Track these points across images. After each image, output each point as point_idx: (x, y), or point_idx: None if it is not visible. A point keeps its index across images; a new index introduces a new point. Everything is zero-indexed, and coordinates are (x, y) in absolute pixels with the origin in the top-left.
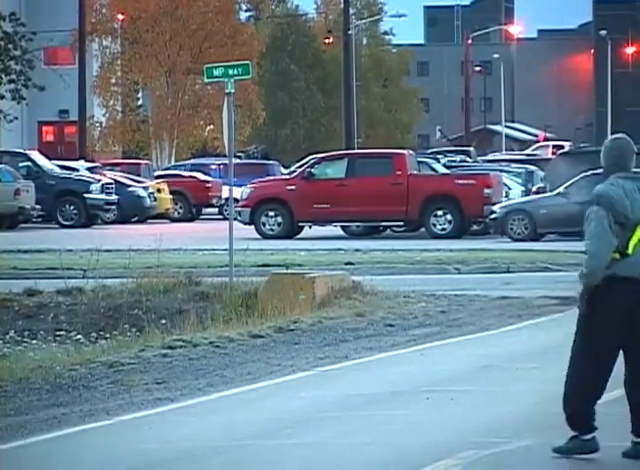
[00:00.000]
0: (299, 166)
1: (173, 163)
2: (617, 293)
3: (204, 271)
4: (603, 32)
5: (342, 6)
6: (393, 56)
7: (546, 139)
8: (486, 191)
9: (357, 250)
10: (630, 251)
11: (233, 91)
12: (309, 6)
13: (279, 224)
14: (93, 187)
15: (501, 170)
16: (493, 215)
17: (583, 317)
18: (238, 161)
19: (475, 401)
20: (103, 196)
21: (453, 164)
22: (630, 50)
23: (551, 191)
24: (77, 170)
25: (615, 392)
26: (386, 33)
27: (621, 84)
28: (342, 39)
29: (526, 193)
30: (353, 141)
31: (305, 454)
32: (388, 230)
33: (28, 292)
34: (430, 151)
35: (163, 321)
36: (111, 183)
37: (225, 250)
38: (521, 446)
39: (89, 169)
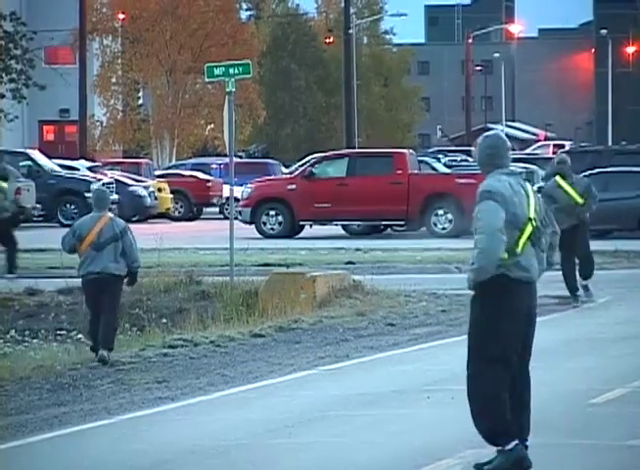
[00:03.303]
0: (300, 166)
1: (174, 162)
2: (514, 295)
3: (204, 270)
4: (604, 32)
5: (342, 5)
6: (394, 55)
7: (547, 138)
8: None
9: (358, 249)
10: (520, 250)
11: (234, 90)
12: (310, 5)
13: (280, 223)
14: (94, 186)
15: None
16: None
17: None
18: (238, 160)
19: None
20: None
21: (454, 163)
22: (631, 49)
23: None
24: (78, 170)
25: (615, 391)
26: (386, 32)
27: (622, 83)
28: (342, 38)
29: None
30: (354, 140)
31: (306, 454)
32: (389, 229)
33: (29, 291)
34: (431, 150)
35: (164, 320)
36: (111, 182)
37: (226, 249)
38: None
39: (90, 169)
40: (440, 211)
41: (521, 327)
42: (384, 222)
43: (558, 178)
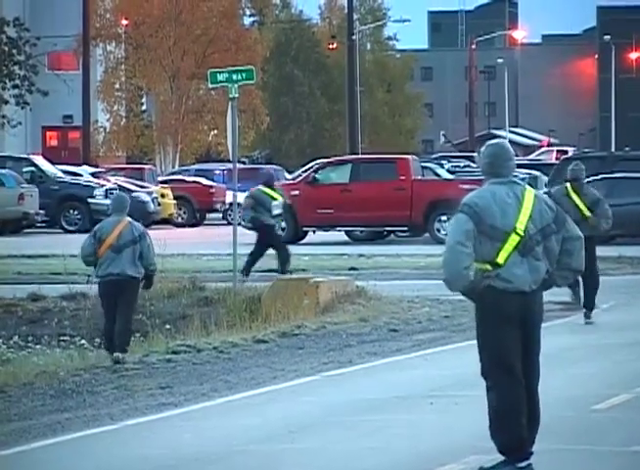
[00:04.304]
0: (303, 171)
1: (177, 168)
2: (500, 305)
3: (207, 276)
4: (607, 37)
5: (345, 11)
6: (397, 61)
7: (550, 144)
8: None
9: (361, 255)
10: (502, 261)
11: (237, 96)
12: (313, 11)
13: (283, 229)
14: (97, 192)
15: None
16: None
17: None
18: (242, 166)
19: (479, 406)
20: (106, 201)
21: (457, 169)
22: (634, 55)
23: None
24: (81, 175)
25: (619, 397)
26: (389, 38)
27: (626, 89)
28: (345, 44)
29: None
30: (357, 146)
31: (309, 459)
32: (392, 235)
33: (32, 297)
34: (434, 155)
35: (167, 326)
36: (114, 188)
37: (229, 255)
38: None
39: (93, 174)
40: (444, 217)
41: (514, 335)
42: (387, 228)
43: (568, 186)
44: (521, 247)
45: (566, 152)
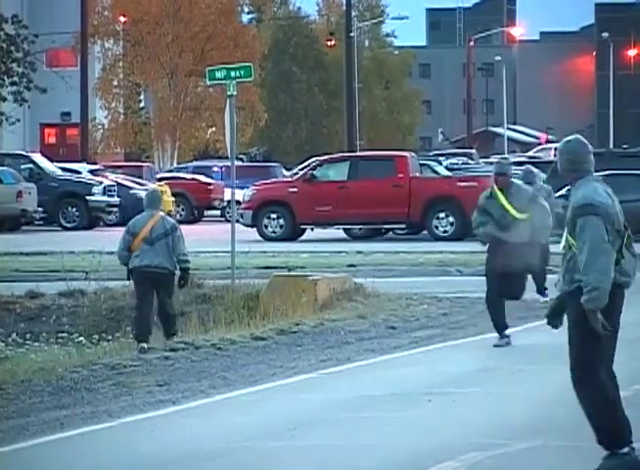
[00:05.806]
0: (301, 169)
1: (175, 165)
2: (617, 300)
3: (206, 273)
4: (605, 34)
5: (344, 8)
6: (395, 58)
7: (548, 141)
8: None
9: (359, 252)
10: (623, 256)
11: (235, 93)
12: (311, 8)
13: (281, 226)
14: (95, 189)
15: None
16: None
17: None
18: (240, 163)
19: (476, 403)
20: (105, 198)
21: (455, 166)
22: (632, 52)
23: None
24: (79, 173)
25: (622, 392)
26: (388, 35)
27: (623, 86)
28: (344, 41)
29: None
30: (355, 143)
31: (307, 456)
32: (390, 232)
33: (30, 294)
34: (432, 153)
35: None
36: (113, 185)
37: (227, 252)
38: (522, 448)
39: (91, 172)
40: (442, 215)
41: (615, 331)
42: (385, 225)
43: (494, 185)
44: (627, 242)
45: None
